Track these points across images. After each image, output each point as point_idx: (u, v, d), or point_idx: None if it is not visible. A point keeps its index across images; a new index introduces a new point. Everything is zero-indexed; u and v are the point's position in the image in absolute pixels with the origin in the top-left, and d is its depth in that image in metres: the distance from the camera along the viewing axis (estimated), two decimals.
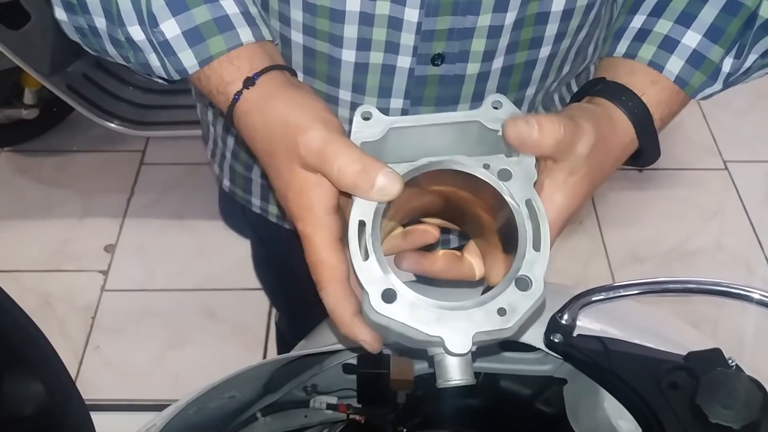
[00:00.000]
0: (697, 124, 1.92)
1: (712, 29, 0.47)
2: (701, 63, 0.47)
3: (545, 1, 0.50)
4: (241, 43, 0.44)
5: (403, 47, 0.51)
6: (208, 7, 0.44)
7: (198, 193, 1.71)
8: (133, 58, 0.47)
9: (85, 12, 0.46)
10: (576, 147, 0.42)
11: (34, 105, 1.66)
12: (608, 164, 0.46)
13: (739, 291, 0.56)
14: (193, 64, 0.45)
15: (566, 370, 0.63)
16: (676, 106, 0.49)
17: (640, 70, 0.47)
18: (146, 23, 0.44)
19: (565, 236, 1.66)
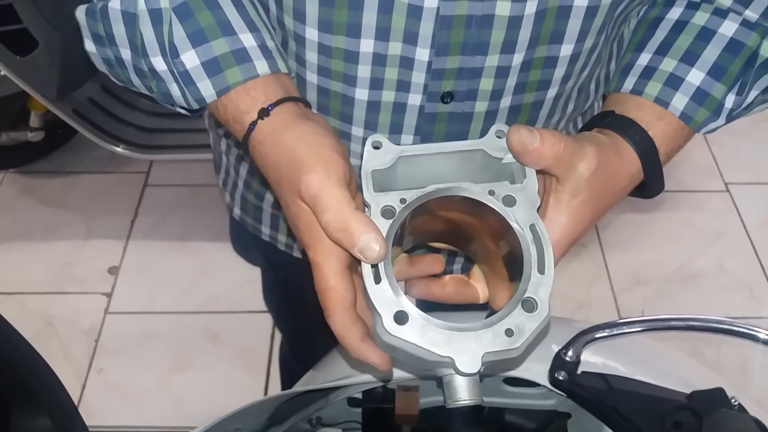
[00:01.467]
0: (699, 147, 1.93)
1: (714, 68, 0.49)
2: (705, 100, 0.49)
3: (553, 45, 0.51)
4: (257, 75, 0.46)
5: (414, 86, 0.52)
6: (227, 39, 0.46)
7: (201, 215, 1.72)
8: (156, 88, 0.50)
9: (112, 44, 0.49)
10: (577, 166, 0.44)
11: (39, 128, 1.67)
12: (612, 192, 0.47)
13: (744, 330, 0.57)
14: (211, 93, 0.47)
15: (570, 404, 0.64)
16: (680, 140, 0.51)
17: (647, 106, 0.49)
18: (168, 54, 0.47)
19: (568, 259, 1.66)
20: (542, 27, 0.49)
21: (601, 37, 0.54)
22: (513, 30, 0.48)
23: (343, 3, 0.48)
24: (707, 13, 0.50)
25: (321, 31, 0.50)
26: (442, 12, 0.47)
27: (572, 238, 0.46)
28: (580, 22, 0.50)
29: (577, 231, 0.46)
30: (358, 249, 0.39)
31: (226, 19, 0.47)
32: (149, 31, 0.47)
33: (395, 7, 0.47)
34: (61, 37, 1.40)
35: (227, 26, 0.47)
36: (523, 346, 0.39)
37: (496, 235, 0.44)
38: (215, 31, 0.46)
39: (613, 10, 0.52)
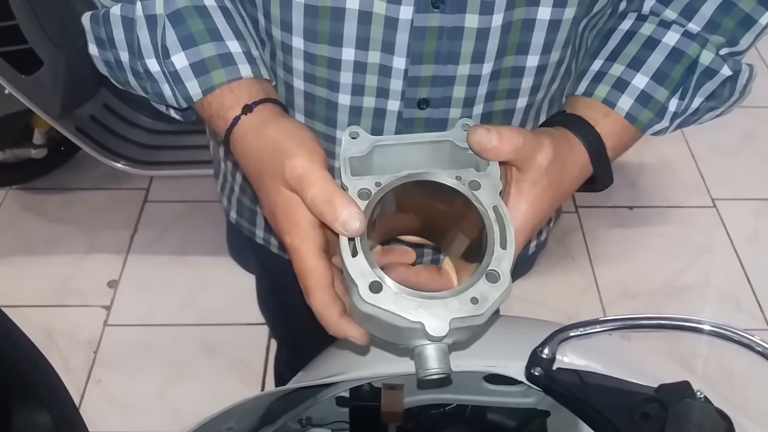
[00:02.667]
0: (686, 163, 1.97)
1: (658, 73, 0.53)
2: (649, 102, 0.53)
3: (519, 56, 0.55)
4: (241, 77, 0.51)
5: (392, 92, 0.56)
6: (214, 44, 0.51)
7: (199, 230, 1.75)
8: (150, 89, 0.54)
9: (112, 47, 0.53)
10: (536, 157, 0.47)
11: (42, 145, 1.70)
12: (567, 181, 0.51)
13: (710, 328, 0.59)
14: (197, 92, 0.51)
15: (549, 402, 0.66)
16: (626, 138, 0.54)
17: (595, 105, 0.53)
18: (160, 56, 0.51)
19: (558, 272, 1.70)
20: (509, 39, 0.53)
21: (567, 51, 0.57)
22: (481, 41, 0.52)
23: (325, 14, 0.51)
24: (653, 24, 0.54)
25: (306, 40, 0.54)
26: (416, 23, 0.51)
27: (534, 223, 0.49)
28: (544, 34, 0.54)
29: (537, 217, 0.49)
30: (340, 222, 0.42)
31: (215, 27, 0.51)
32: (145, 34, 0.51)
33: (373, 19, 0.51)
34: (65, 57, 1.44)
35: (216, 33, 0.51)
36: (487, 313, 0.42)
37: (463, 221, 0.48)
38: (204, 36, 0.51)
39: (576, 25, 0.56)
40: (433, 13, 0.51)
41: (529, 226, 0.49)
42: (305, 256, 0.45)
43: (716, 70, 0.53)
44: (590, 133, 0.52)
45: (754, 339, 0.56)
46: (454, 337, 0.43)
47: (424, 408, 0.71)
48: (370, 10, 0.51)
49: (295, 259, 0.45)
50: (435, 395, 0.71)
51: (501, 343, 0.64)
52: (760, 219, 1.84)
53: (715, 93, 0.55)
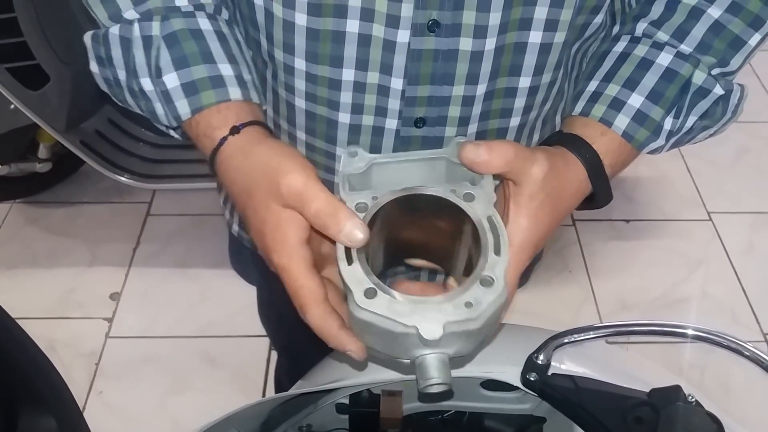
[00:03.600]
0: (682, 177, 1.99)
1: (653, 93, 0.54)
2: (645, 121, 0.54)
3: (512, 77, 0.57)
4: (229, 99, 0.51)
5: (390, 111, 0.58)
6: (206, 66, 0.51)
7: (201, 243, 1.77)
8: (145, 107, 0.55)
9: (110, 65, 0.55)
10: (531, 170, 0.48)
11: (47, 159, 1.72)
12: (566, 196, 0.51)
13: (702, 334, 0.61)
14: (186, 111, 0.51)
15: (545, 408, 0.67)
16: (624, 156, 0.55)
17: (592, 124, 0.54)
18: (153, 75, 0.52)
19: (556, 285, 1.71)
20: (502, 61, 0.55)
21: (559, 73, 0.59)
22: (475, 63, 0.54)
23: (327, 37, 0.54)
24: (647, 46, 0.55)
25: (308, 62, 0.56)
26: (413, 46, 0.53)
27: (535, 238, 0.49)
28: (536, 57, 0.56)
29: (539, 232, 0.49)
30: (345, 234, 0.43)
31: (209, 50, 0.52)
32: (141, 54, 0.52)
33: (372, 42, 0.53)
34: (71, 73, 1.46)
35: (208, 56, 0.52)
36: (482, 317, 0.42)
37: (461, 236, 0.49)
38: (197, 58, 0.51)
39: (567, 48, 0.58)
40: (429, 36, 0.53)
41: (530, 240, 0.48)
42: (295, 274, 0.45)
43: (709, 89, 0.54)
44: (587, 150, 0.52)
45: (743, 344, 0.57)
46: (451, 345, 0.43)
47: (422, 415, 0.72)
48: (369, 34, 0.53)
49: (285, 278, 0.45)
50: (433, 402, 0.72)
51: (497, 350, 0.66)
52: (755, 232, 1.85)
53: (708, 112, 0.56)
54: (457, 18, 0.52)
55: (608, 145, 0.54)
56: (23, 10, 1.34)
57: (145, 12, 0.53)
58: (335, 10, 0.52)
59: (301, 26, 0.54)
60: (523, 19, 0.53)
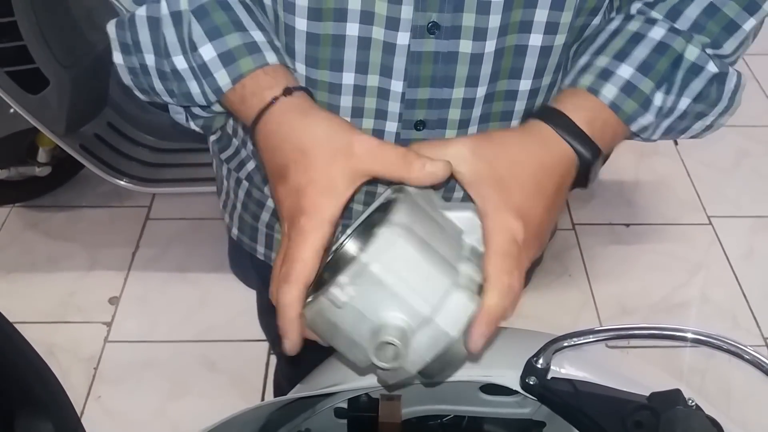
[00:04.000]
0: (682, 181, 1.99)
1: (643, 64, 0.52)
2: (633, 92, 0.52)
3: (512, 80, 0.57)
4: (268, 63, 0.50)
5: (390, 114, 0.58)
6: (239, 34, 0.51)
7: (200, 248, 1.76)
8: (177, 89, 0.54)
9: (138, 51, 0.54)
10: (447, 151, 0.48)
11: (47, 163, 1.72)
12: (525, 156, 0.49)
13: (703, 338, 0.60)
14: (226, 82, 0.51)
15: (544, 413, 0.67)
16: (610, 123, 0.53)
17: (579, 93, 0.53)
18: (188, 50, 0.51)
19: (555, 289, 1.71)
20: (502, 64, 0.55)
21: (558, 75, 0.59)
22: (475, 65, 0.54)
23: (327, 41, 0.54)
24: (639, 21, 0.54)
25: (308, 66, 0.56)
26: (413, 48, 0.53)
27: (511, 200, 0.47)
28: (536, 60, 0.55)
29: (512, 194, 0.47)
30: (427, 171, 0.46)
31: (239, 19, 0.52)
32: (171, 32, 0.52)
33: (372, 45, 0.53)
34: (71, 77, 1.46)
35: (239, 24, 0.51)
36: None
37: None
38: (229, 27, 0.51)
39: (567, 50, 0.58)
40: (429, 38, 0.53)
41: (502, 201, 0.47)
42: (308, 245, 0.44)
43: (702, 66, 0.53)
44: (550, 110, 0.51)
45: (743, 347, 0.57)
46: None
47: (421, 419, 0.72)
48: (369, 36, 0.53)
49: (295, 243, 0.45)
50: (433, 406, 0.72)
51: (496, 353, 0.65)
52: (755, 236, 1.85)
53: (702, 93, 0.54)
54: (457, 20, 0.52)
55: (580, 103, 0.52)
56: (23, 13, 1.35)
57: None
58: (335, 14, 0.52)
59: (302, 31, 0.54)
60: (524, 22, 0.53)
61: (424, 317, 0.44)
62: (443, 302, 0.44)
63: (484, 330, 0.46)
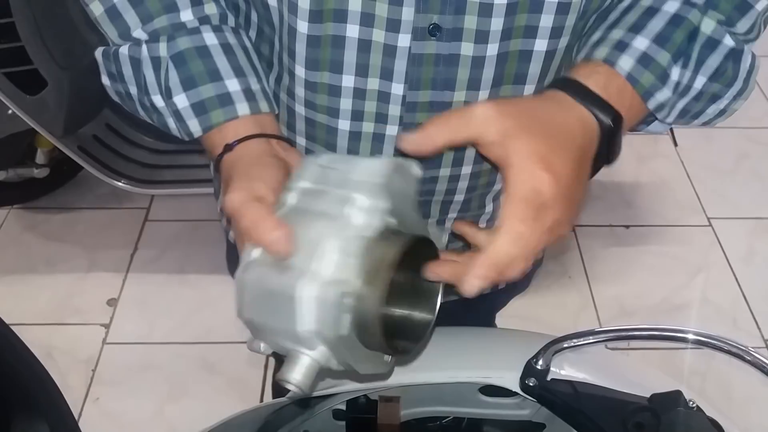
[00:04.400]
0: (682, 183, 1.99)
1: (659, 36, 0.51)
2: (650, 63, 0.51)
3: (517, 86, 0.56)
4: (237, 116, 0.53)
5: (390, 117, 0.57)
6: (213, 85, 0.53)
7: (199, 249, 1.76)
8: (156, 120, 0.57)
9: (122, 81, 0.56)
10: (473, 113, 0.46)
11: (45, 164, 1.72)
12: (548, 116, 0.48)
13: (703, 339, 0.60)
14: (197, 130, 0.54)
15: (544, 414, 0.67)
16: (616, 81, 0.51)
17: (593, 63, 0.52)
18: (164, 95, 0.54)
19: (555, 291, 1.71)
20: (505, 68, 0.54)
21: (559, 75, 0.58)
22: (477, 69, 0.54)
23: (327, 43, 0.53)
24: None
25: (307, 69, 0.56)
26: (414, 51, 0.53)
27: (539, 150, 0.45)
28: (541, 64, 0.55)
29: (540, 145, 0.45)
30: (268, 241, 0.44)
31: (215, 68, 0.54)
32: (150, 73, 0.54)
33: (372, 47, 0.53)
34: (69, 78, 1.46)
35: (215, 73, 0.53)
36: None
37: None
38: (204, 78, 0.53)
39: (570, 52, 0.58)
40: (430, 40, 0.52)
41: (531, 150, 0.45)
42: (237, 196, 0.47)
43: (718, 39, 0.52)
44: (563, 79, 0.51)
45: (745, 348, 0.57)
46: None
47: (420, 421, 0.72)
48: (369, 39, 0.53)
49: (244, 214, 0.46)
50: (431, 408, 0.71)
51: (496, 355, 0.65)
52: (755, 238, 1.85)
53: (718, 70, 0.53)
54: (459, 22, 0.51)
55: (593, 69, 0.51)
56: (21, 14, 1.34)
57: (153, 32, 0.54)
58: (335, 15, 0.52)
59: (302, 33, 0.53)
60: (529, 27, 0.52)
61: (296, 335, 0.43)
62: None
63: (482, 272, 0.44)
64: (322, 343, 0.42)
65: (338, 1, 0.51)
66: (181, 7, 0.54)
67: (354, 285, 0.42)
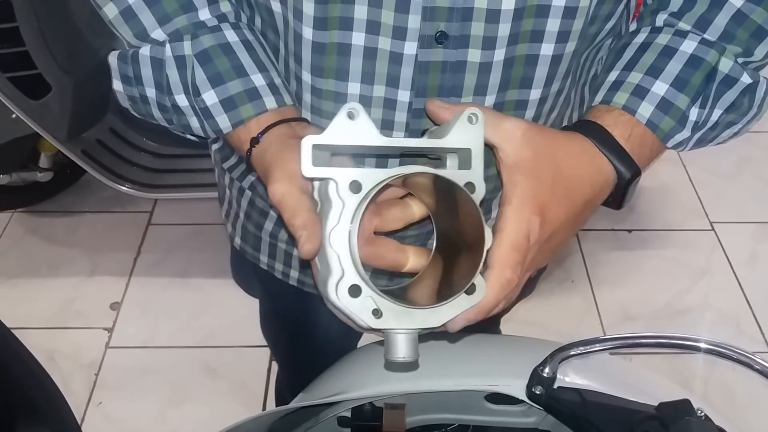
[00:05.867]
0: (684, 187, 1.99)
1: (677, 80, 0.52)
2: (669, 109, 0.52)
3: (523, 90, 0.56)
4: (266, 110, 0.53)
5: (397, 124, 0.57)
6: (241, 81, 0.53)
7: (202, 253, 1.76)
8: (176, 121, 0.57)
9: (139, 84, 0.56)
10: (503, 124, 0.48)
11: (48, 168, 1.73)
12: (566, 160, 0.49)
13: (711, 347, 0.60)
14: (227, 125, 0.54)
15: (550, 422, 0.67)
16: (637, 128, 0.52)
17: (615, 111, 0.52)
18: (191, 93, 0.54)
19: (558, 295, 1.71)
20: (511, 73, 0.54)
21: (567, 81, 0.58)
22: (484, 75, 0.53)
23: (332, 50, 0.53)
24: (669, 34, 0.53)
25: (313, 75, 0.56)
26: (420, 58, 0.52)
27: (539, 200, 0.47)
28: (547, 68, 0.54)
29: (541, 191, 0.47)
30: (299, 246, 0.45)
31: (240, 63, 0.54)
32: (174, 73, 0.54)
33: (378, 55, 0.53)
34: (73, 83, 1.47)
35: (241, 69, 0.54)
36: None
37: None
38: (231, 74, 0.53)
39: (578, 57, 0.57)
40: (437, 48, 0.52)
41: (531, 198, 0.47)
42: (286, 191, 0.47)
43: (736, 78, 0.53)
44: (588, 123, 0.51)
45: (753, 357, 0.56)
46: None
47: (425, 428, 0.72)
48: (375, 46, 0.52)
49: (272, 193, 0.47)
50: (437, 415, 0.71)
51: (502, 362, 0.65)
52: (758, 242, 1.85)
53: (734, 104, 0.54)
54: (466, 29, 0.51)
55: (617, 119, 0.52)
56: (25, 19, 1.35)
57: (174, 32, 0.54)
58: (340, 23, 0.52)
59: (308, 39, 0.53)
60: (535, 31, 0.52)
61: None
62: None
63: (472, 317, 0.47)
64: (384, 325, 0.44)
65: (344, 9, 0.51)
66: (199, 6, 0.54)
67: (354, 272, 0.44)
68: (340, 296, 0.43)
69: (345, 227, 0.44)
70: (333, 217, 0.44)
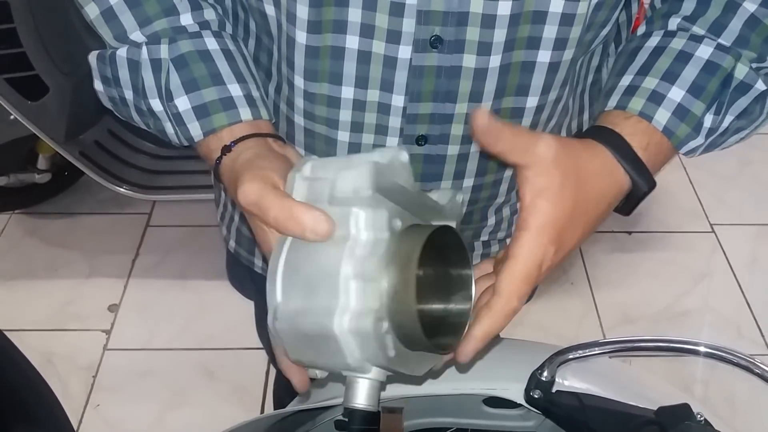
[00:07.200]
0: (684, 190, 1.99)
1: (694, 86, 0.51)
2: (686, 116, 0.51)
3: (519, 97, 0.56)
4: (241, 120, 0.52)
5: (391, 129, 0.57)
6: (217, 88, 0.52)
7: (201, 255, 1.76)
8: (153, 125, 0.55)
9: (117, 85, 0.55)
10: (536, 147, 0.44)
11: (46, 170, 1.72)
12: (590, 178, 0.47)
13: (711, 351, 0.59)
14: (198, 134, 0.52)
15: (549, 426, 0.66)
16: (662, 146, 0.51)
17: (632, 117, 0.51)
18: (164, 98, 0.52)
19: (557, 297, 1.70)
20: (508, 80, 0.54)
21: (564, 89, 0.58)
22: (479, 81, 0.53)
23: (326, 54, 0.53)
24: (683, 39, 0.52)
25: (306, 80, 0.55)
26: (415, 63, 0.52)
27: (559, 223, 0.45)
28: (544, 76, 0.54)
29: (562, 214, 0.45)
30: (309, 228, 0.40)
31: (218, 71, 0.53)
32: (149, 76, 0.53)
33: (372, 58, 0.52)
34: (70, 84, 1.47)
35: (218, 77, 0.52)
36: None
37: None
38: (206, 81, 0.52)
39: (575, 65, 0.57)
40: (432, 52, 0.52)
41: (552, 222, 0.44)
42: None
43: (751, 84, 0.52)
44: (609, 133, 0.49)
45: (754, 361, 0.56)
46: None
47: (422, 431, 0.71)
48: (369, 50, 0.52)
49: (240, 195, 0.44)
50: (435, 419, 0.71)
51: (500, 366, 0.65)
52: (758, 244, 1.85)
53: (747, 110, 0.53)
54: (461, 34, 0.51)
55: (635, 126, 0.50)
56: (23, 20, 1.35)
57: (152, 35, 0.53)
58: (334, 26, 0.51)
59: (301, 44, 0.53)
60: (532, 38, 0.52)
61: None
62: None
63: (479, 345, 0.45)
64: (374, 366, 0.42)
65: (338, 12, 0.50)
66: (181, 10, 0.53)
67: (384, 307, 0.41)
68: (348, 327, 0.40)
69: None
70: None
